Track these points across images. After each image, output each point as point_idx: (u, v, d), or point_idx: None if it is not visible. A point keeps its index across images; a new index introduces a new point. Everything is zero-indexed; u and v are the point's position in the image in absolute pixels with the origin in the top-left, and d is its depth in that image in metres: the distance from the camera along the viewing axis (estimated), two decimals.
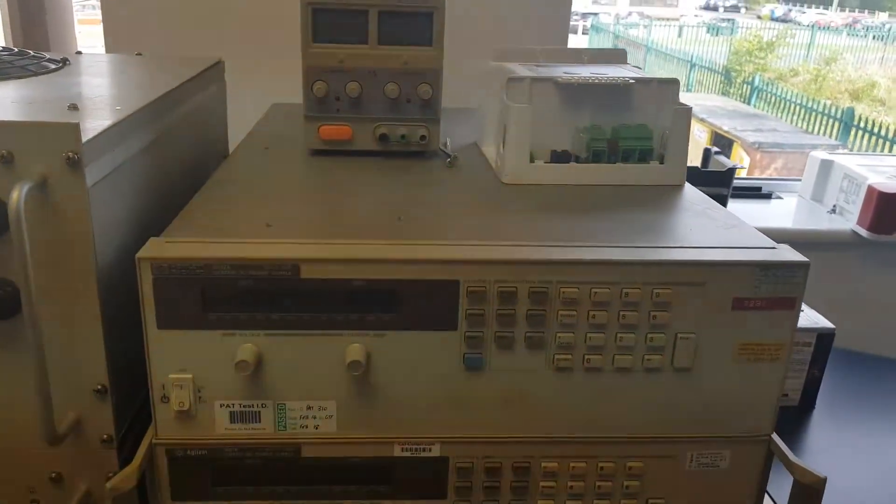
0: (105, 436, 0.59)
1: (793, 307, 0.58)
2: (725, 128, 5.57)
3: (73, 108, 0.62)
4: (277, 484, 0.61)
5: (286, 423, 0.59)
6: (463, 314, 0.57)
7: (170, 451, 0.59)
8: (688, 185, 0.76)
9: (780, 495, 0.67)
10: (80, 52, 0.95)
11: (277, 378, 0.58)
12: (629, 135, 0.75)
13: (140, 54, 0.95)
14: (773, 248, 0.60)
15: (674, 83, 0.76)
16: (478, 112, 0.91)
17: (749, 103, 7.20)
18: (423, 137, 0.81)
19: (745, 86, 7.75)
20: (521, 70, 0.78)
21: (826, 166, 1.59)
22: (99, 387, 0.58)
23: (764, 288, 0.57)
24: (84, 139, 0.52)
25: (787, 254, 0.59)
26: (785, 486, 0.61)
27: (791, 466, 0.59)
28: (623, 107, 0.76)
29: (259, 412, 0.59)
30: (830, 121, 5.83)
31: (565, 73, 0.77)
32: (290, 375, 0.58)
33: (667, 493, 0.63)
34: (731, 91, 7.96)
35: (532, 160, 0.75)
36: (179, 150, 0.78)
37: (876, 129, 5.33)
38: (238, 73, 1.01)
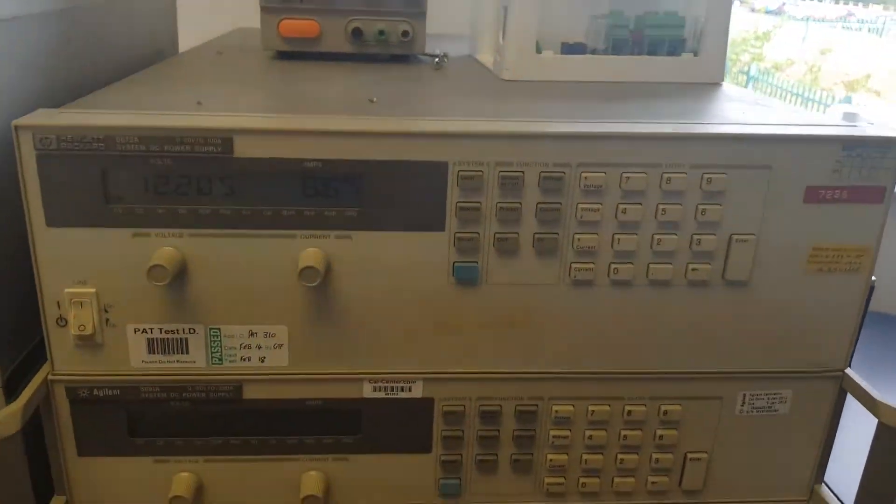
0: None
1: (881, 199, 0.46)
2: None
3: None
4: (212, 434, 0.48)
5: (222, 355, 0.46)
6: (452, 209, 0.44)
7: (71, 389, 0.46)
8: (727, 84, 0.63)
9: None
10: None
11: (208, 294, 0.45)
12: (657, 23, 0.62)
13: None
14: (854, 125, 0.46)
15: None
16: (471, 18, 0.77)
17: None
18: (405, 34, 0.68)
19: (739, 75, 7.68)
20: None
21: (850, 120, 1.47)
22: None
23: (846, 173, 0.45)
24: None
25: (873, 130, 0.45)
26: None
27: (875, 406, 0.47)
28: None
29: (186, 339, 0.46)
30: (827, 110, 5.77)
31: None
32: (224, 290, 0.45)
33: (709, 445, 0.51)
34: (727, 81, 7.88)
35: (539, 52, 0.62)
36: (108, 40, 0.65)
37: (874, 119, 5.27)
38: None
